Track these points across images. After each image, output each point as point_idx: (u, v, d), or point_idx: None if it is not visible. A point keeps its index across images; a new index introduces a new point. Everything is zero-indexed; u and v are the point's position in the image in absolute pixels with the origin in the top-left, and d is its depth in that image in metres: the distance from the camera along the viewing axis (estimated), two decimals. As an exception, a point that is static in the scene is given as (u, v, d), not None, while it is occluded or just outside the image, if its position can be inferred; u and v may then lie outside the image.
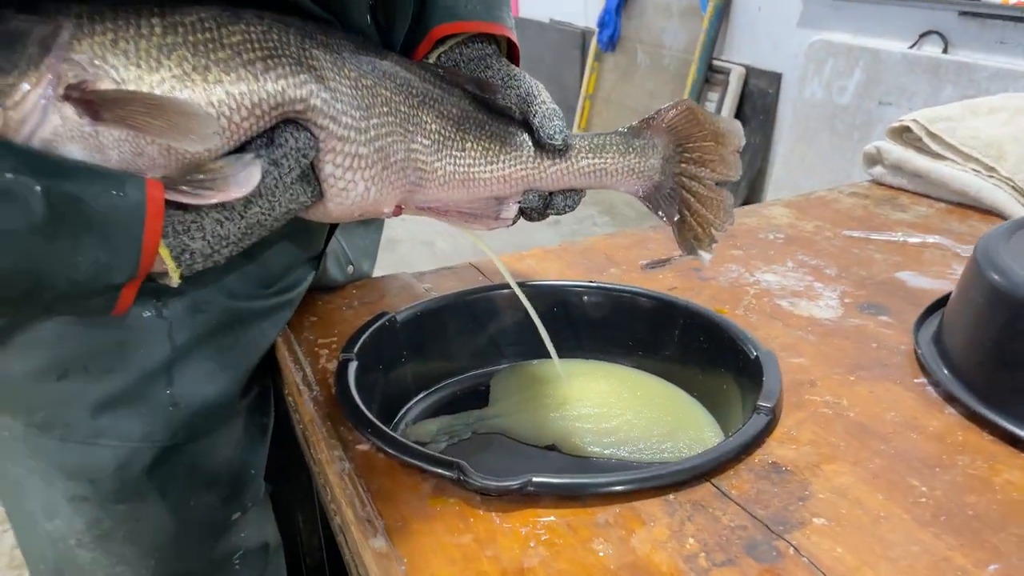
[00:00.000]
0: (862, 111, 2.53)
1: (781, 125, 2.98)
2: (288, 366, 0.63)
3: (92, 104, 0.41)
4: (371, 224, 0.80)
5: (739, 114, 3.19)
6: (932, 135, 0.94)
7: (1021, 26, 2.10)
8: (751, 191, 3.14)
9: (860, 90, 2.53)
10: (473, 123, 0.55)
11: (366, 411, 0.54)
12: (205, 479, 0.62)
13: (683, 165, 0.57)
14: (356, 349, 0.62)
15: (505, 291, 0.70)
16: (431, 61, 0.59)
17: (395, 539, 0.45)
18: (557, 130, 0.55)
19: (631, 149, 0.57)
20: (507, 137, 0.56)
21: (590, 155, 0.56)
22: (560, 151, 0.55)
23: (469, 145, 0.55)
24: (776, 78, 2.99)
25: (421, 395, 0.67)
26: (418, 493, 0.48)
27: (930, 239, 0.81)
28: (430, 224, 3.32)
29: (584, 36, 4.13)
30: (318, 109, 0.48)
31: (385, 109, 0.51)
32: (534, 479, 0.47)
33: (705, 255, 0.57)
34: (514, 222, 0.58)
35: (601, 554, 0.43)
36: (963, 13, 2.23)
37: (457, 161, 0.54)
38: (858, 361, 0.61)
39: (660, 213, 0.58)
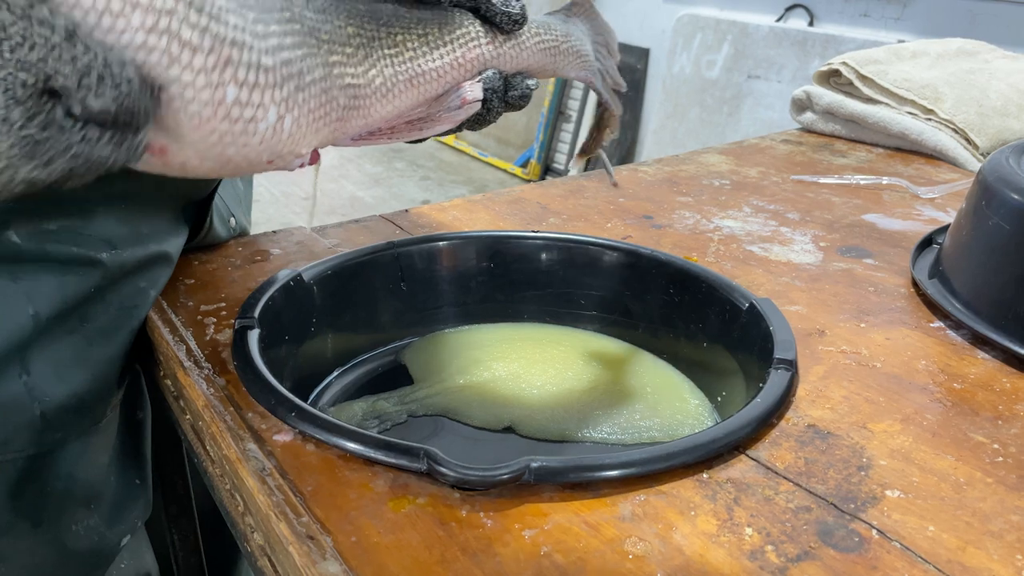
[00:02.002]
0: (731, 85, 2.54)
1: (651, 101, 2.97)
2: (164, 339, 0.48)
3: None
4: None
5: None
6: (864, 78, 0.89)
7: (884, -1, 2.16)
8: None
9: (729, 64, 2.54)
10: (391, 15, 0.42)
11: (282, 388, 0.41)
12: (85, 495, 0.46)
13: (599, 60, 0.52)
14: (256, 313, 0.47)
15: (440, 243, 0.57)
16: None
17: (351, 560, 0.32)
18: None
19: (570, 31, 0.50)
20: (441, 18, 0.44)
21: (541, 31, 0.48)
22: (517, 22, 0.45)
23: (401, 38, 0.42)
24: (644, 53, 2.98)
25: (338, 371, 0.54)
26: (370, 494, 0.35)
27: (884, 181, 0.75)
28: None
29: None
30: None
31: (287, 15, 0.37)
32: (533, 464, 0.35)
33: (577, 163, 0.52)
34: (482, 108, 0.46)
35: (639, 557, 0.32)
36: (827, -13, 2.28)
37: (395, 60, 0.41)
38: (861, 306, 0.53)
39: (608, 101, 0.53)
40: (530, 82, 0.46)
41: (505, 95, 0.46)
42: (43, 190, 0.28)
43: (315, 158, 0.41)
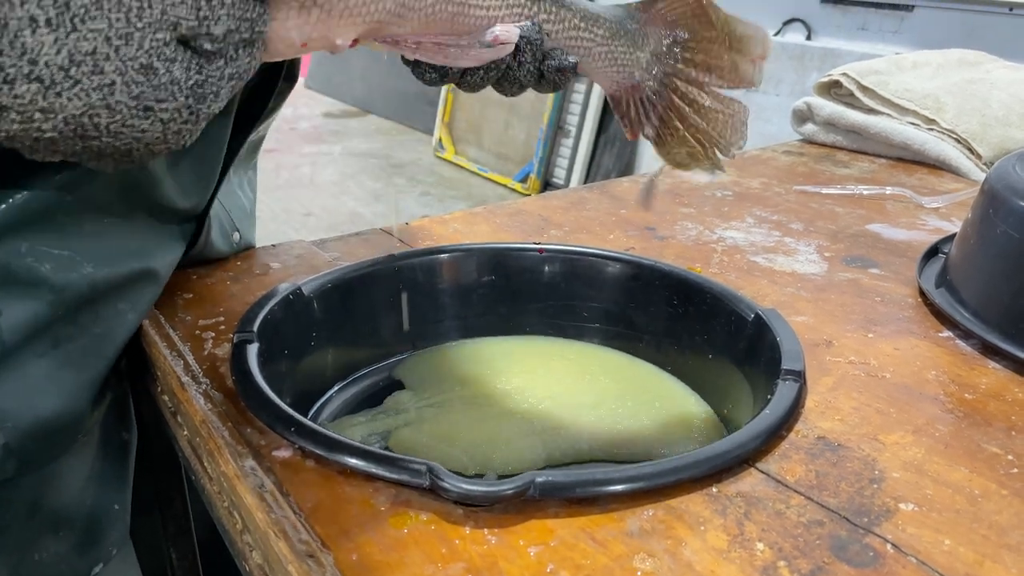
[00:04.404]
0: (730, 99, 2.54)
1: (650, 115, 2.97)
2: (162, 354, 0.47)
3: None
4: (245, 179, 0.65)
5: (606, 106, 3.17)
6: (865, 89, 0.89)
7: (881, 12, 2.17)
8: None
9: (728, 78, 2.54)
10: None
11: (282, 403, 0.40)
12: (51, 522, 0.44)
13: (680, 66, 0.45)
14: (255, 327, 0.47)
15: (442, 256, 0.57)
16: None
17: (352, 580, 0.31)
18: None
19: (621, 32, 0.44)
20: None
21: (583, 24, 0.43)
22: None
23: None
24: (642, 69, 2.98)
25: (338, 386, 0.53)
26: (371, 510, 0.35)
27: (888, 191, 0.75)
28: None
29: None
30: None
31: None
32: (538, 479, 0.34)
33: (705, 174, 0.46)
34: (512, 61, 0.42)
35: (648, 574, 0.31)
36: (825, 0, 2.28)
37: None
38: (868, 316, 0.52)
39: (625, 121, 0.46)
40: (571, 58, 0.42)
41: (542, 62, 0.42)
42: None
43: (355, 43, 0.40)
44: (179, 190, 0.50)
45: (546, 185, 3.45)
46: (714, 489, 0.36)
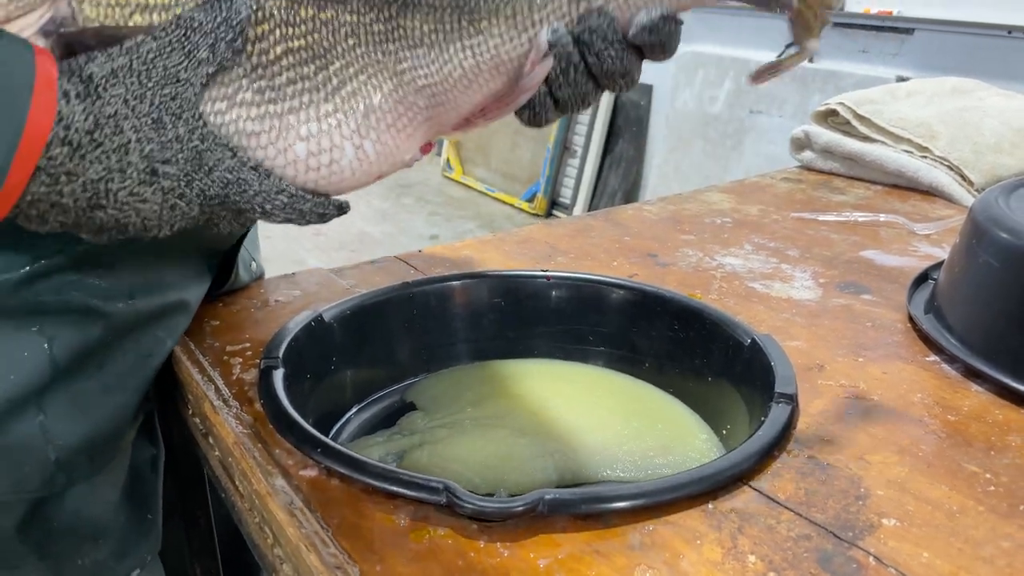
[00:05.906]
0: (734, 119, 2.58)
1: (654, 136, 3.01)
2: (194, 379, 0.50)
3: None
4: None
5: (612, 127, 3.21)
6: (860, 117, 0.92)
7: (882, 35, 2.21)
8: (627, 203, 3.15)
9: (731, 99, 2.58)
10: None
11: (308, 426, 0.43)
12: (92, 530, 0.48)
13: None
14: (280, 353, 0.50)
15: (454, 283, 0.60)
16: None
17: (377, 589, 0.34)
18: None
19: None
20: None
21: None
22: None
23: (485, 24, 0.38)
24: (647, 90, 3.03)
25: (356, 407, 0.56)
26: (392, 526, 0.37)
27: (882, 218, 0.78)
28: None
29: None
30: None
31: (352, 42, 0.37)
32: (546, 497, 0.37)
33: (814, 44, 0.43)
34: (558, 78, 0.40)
35: (648, 585, 0.34)
36: (826, 24, 2.32)
37: (477, 50, 0.39)
38: (858, 341, 0.55)
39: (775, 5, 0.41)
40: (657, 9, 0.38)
41: (584, 58, 0.38)
42: None
43: (428, 149, 0.41)
44: None
45: (553, 204, 3.49)
46: (710, 505, 0.39)
